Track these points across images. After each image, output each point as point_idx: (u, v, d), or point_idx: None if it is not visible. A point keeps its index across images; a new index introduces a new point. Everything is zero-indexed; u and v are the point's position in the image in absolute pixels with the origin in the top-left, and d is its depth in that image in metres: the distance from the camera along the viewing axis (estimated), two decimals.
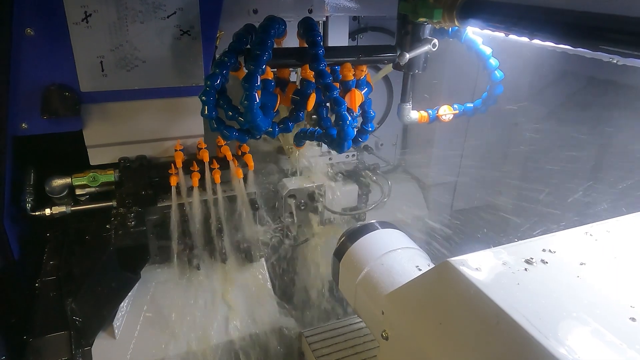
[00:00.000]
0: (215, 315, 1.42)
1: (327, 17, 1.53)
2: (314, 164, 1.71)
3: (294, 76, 1.25)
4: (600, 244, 0.76)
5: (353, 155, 1.81)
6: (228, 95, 1.08)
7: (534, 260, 0.71)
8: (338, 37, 1.56)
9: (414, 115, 1.35)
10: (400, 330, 0.86)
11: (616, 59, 1.15)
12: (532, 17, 0.85)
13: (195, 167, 1.35)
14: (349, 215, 1.77)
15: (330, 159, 1.77)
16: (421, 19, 1.14)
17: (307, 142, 1.32)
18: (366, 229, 1.13)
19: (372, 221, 1.17)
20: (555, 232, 0.79)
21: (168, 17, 1.21)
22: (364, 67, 1.21)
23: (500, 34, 0.96)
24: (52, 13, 1.11)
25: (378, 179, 1.81)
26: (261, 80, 1.01)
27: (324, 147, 1.74)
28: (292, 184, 1.65)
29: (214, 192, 1.38)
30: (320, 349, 1.31)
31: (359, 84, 1.21)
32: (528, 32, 0.85)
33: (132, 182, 1.33)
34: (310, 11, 1.49)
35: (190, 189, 1.36)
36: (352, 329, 1.36)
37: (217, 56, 1.08)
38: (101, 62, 1.20)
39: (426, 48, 1.19)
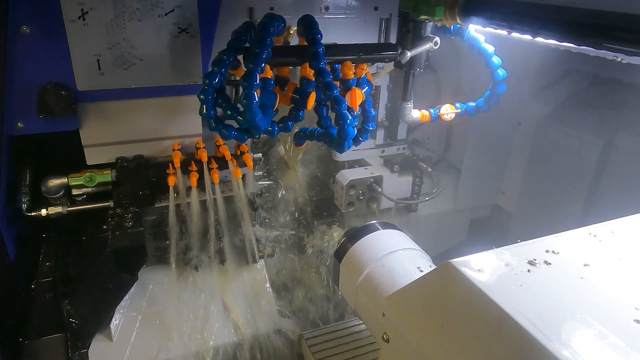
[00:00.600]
0: (214, 317, 1.42)
1: (390, 14, 1.55)
2: (367, 156, 1.79)
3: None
4: (604, 245, 0.76)
5: (404, 147, 1.87)
6: (227, 94, 1.08)
7: (537, 262, 0.71)
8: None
9: (415, 114, 1.35)
10: (402, 333, 0.86)
11: (620, 57, 1.15)
12: (535, 15, 0.85)
13: (194, 167, 1.35)
14: (404, 205, 1.87)
15: (382, 151, 1.83)
16: (423, 17, 1.14)
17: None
18: (367, 229, 1.13)
19: (373, 221, 1.16)
20: (558, 232, 0.79)
21: (166, 14, 1.21)
22: (365, 66, 1.21)
23: (502, 32, 0.97)
24: (48, 11, 1.11)
25: (432, 173, 1.87)
26: (260, 79, 1.01)
27: (378, 139, 1.80)
28: (352, 174, 1.72)
29: (213, 193, 1.38)
30: (320, 351, 1.31)
31: (359, 83, 1.21)
32: (531, 30, 0.85)
33: (130, 182, 1.33)
34: (376, 9, 1.53)
35: (188, 189, 1.36)
36: (353, 331, 1.36)
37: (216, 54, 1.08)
38: (98, 60, 1.19)
39: (428, 46, 1.19)
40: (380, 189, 1.75)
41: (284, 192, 1.71)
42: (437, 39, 1.19)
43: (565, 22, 0.78)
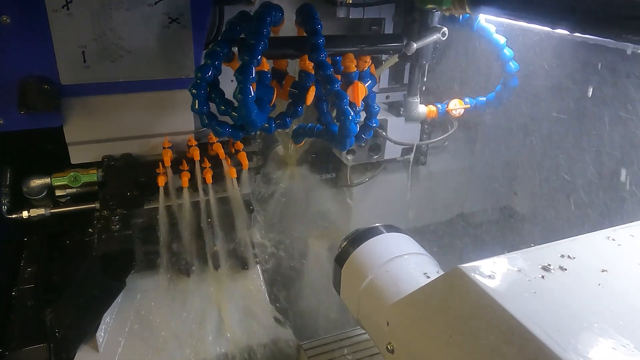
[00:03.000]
0: (207, 326, 1.41)
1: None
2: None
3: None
4: (623, 249, 0.76)
5: None
6: (221, 88, 1.08)
7: (551, 267, 0.71)
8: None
9: (422, 109, 1.35)
10: (407, 343, 0.86)
11: None
12: (550, 3, 0.85)
13: (185, 166, 1.35)
14: (409, 156, 1.79)
15: (387, 96, 1.77)
16: (429, 6, 1.14)
17: None
18: (370, 233, 1.13)
19: (377, 224, 1.16)
20: (575, 236, 0.79)
21: (155, 3, 1.21)
22: (368, 58, 1.21)
23: (515, 22, 0.96)
24: None
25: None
26: (256, 72, 1.01)
27: (382, 82, 1.73)
28: None
29: (206, 193, 1.38)
30: None
31: (362, 76, 1.21)
32: (546, 20, 0.85)
33: (117, 183, 1.33)
34: None
35: (179, 189, 1.36)
36: (355, 342, 1.36)
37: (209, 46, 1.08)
38: (83, 52, 1.19)
39: (435, 37, 1.19)
40: (384, 134, 1.69)
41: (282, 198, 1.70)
42: (445, 29, 1.19)
43: (582, 12, 0.78)
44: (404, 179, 1.88)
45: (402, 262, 1.04)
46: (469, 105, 1.37)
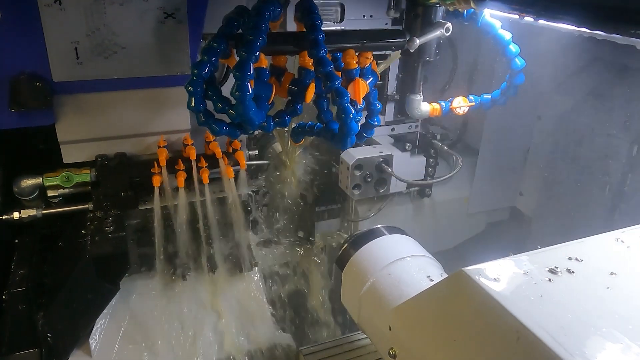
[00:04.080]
0: (203, 331, 1.41)
1: None
2: (375, 134, 1.75)
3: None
4: (633, 252, 0.76)
5: (416, 126, 1.85)
6: (217, 86, 1.08)
7: (559, 270, 0.71)
8: None
9: (425, 107, 1.35)
10: (410, 348, 0.86)
11: None
12: None
13: (181, 166, 1.35)
14: (415, 188, 1.85)
15: (392, 129, 1.82)
16: (433, 1, 1.14)
17: None
18: (371, 234, 1.13)
19: (378, 226, 1.16)
20: (582, 237, 0.79)
21: None
22: (369, 54, 1.21)
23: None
24: None
25: (449, 151, 1.85)
26: (254, 69, 1.01)
27: (387, 115, 1.78)
28: (358, 153, 1.69)
29: (202, 194, 1.38)
30: None
31: (363, 73, 1.21)
32: (552, 15, 0.85)
33: (111, 183, 1.33)
34: None
35: (175, 189, 1.36)
36: (356, 347, 1.36)
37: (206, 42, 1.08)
38: (76, 48, 1.19)
39: (438, 33, 1.19)
40: (390, 170, 1.72)
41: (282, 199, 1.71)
42: (449, 24, 1.19)
43: (590, 6, 0.78)
44: (409, 210, 1.93)
45: (405, 264, 1.03)
46: (473, 103, 1.37)
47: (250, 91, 0.99)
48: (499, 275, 0.70)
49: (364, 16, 1.61)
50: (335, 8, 1.58)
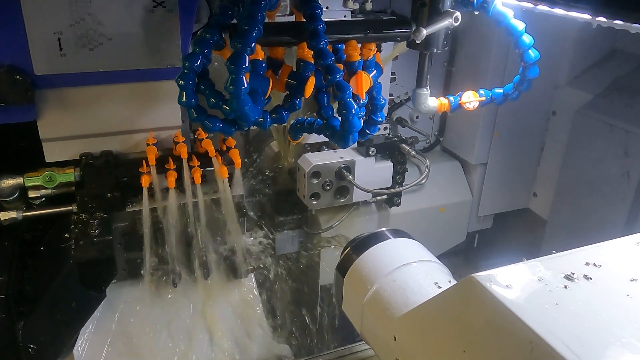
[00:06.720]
0: (195, 342, 1.41)
1: None
2: None
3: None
4: None
5: (385, 128, 1.82)
6: (210, 79, 1.08)
7: (575, 276, 0.71)
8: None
9: (432, 102, 1.35)
10: (416, 359, 0.86)
11: None
12: None
13: (171, 165, 1.35)
14: (382, 197, 1.80)
15: None
16: None
17: None
18: (375, 238, 1.13)
19: (382, 229, 1.16)
20: (600, 242, 0.79)
21: None
22: (373, 46, 1.21)
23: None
24: None
25: (417, 156, 1.82)
26: (250, 61, 1.01)
27: None
28: (316, 159, 1.65)
29: (194, 195, 1.38)
30: None
31: (366, 66, 1.21)
32: (568, 3, 0.85)
33: (96, 183, 1.33)
34: None
35: (165, 190, 1.36)
36: (358, 358, 1.36)
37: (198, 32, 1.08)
38: (59, 39, 1.19)
39: (447, 23, 1.19)
40: (350, 177, 1.68)
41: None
42: (458, 14, 1.19)
43: None
44: (374, 220, 1.89)
45: (411, 270, 1.03)
46: (484, 98, 1.37)
47: (246, 85, 1.00)
48: (512, 281, 0.70)
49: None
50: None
